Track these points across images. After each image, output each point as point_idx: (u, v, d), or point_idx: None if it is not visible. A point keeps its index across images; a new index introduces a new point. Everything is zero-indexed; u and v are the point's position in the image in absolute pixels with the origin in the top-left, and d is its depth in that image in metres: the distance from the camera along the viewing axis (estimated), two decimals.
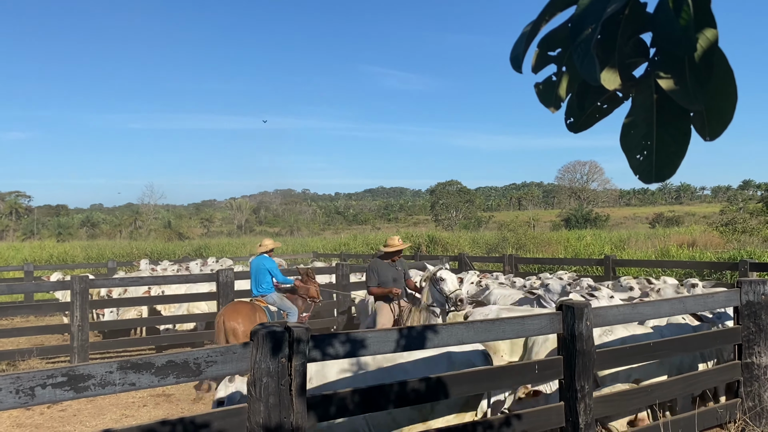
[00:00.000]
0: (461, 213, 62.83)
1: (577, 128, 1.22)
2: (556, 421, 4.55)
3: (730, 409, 5.42)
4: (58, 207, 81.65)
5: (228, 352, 3.34)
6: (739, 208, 51.15)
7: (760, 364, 5.49)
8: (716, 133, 1.04)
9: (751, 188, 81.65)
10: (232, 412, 3.40)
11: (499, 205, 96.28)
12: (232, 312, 8.10)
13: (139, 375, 3.09)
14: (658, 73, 1.03)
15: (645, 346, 5.24)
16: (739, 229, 24.91)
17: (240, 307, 8.26)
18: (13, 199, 70.13)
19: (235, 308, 8.24)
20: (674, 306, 5.40)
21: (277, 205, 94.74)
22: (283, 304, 8.77)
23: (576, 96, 1.18)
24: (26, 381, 2.81)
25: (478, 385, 4.48)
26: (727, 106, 1.02)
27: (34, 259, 25.73)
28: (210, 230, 67.84)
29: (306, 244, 31.01)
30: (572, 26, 1.09)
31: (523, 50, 1.17)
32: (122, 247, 31.32)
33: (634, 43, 1.08)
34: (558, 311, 4.61)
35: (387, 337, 3.90)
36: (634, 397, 5.00)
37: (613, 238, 24.40)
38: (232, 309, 8.21)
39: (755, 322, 5.50)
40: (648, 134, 1.09)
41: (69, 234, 55.60)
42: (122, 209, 78.58)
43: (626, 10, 1.02)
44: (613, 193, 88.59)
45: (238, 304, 8.51)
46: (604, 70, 1.03)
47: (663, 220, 48.34)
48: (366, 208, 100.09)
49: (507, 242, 24.68)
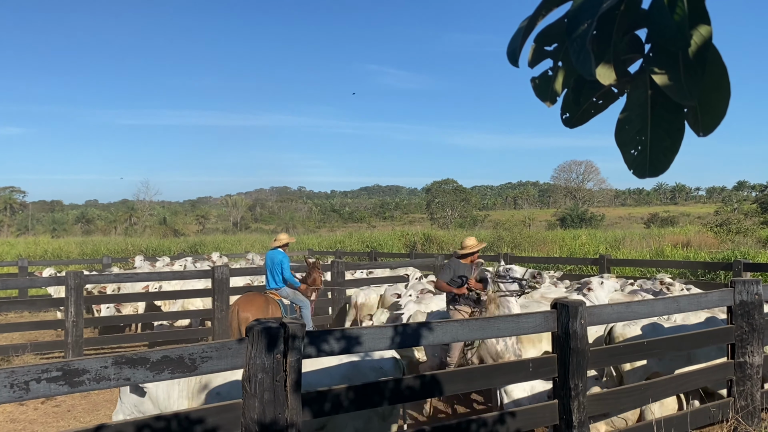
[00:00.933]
0: (457, 212, 62.88)
1: (573, 123, 1.23)
2: (550, 419, 4.56)
3: (723, 408, 5.45)
4: (53, 203, 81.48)
5: (223, 348, 3.34)
6: (734, 208, 51.41)
7: (753, 363, 5.51)
8: (709, 129, 1.05)
9: (746, 189, 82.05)
10: (227, 407, 3.40)
11: (495, 204, 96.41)
12: (246, 303, 8.30)
13: (134, 370, 3.09)
14: (653, 69, 1.04)
15: (638, 345, 5.26)
16: (734, 229, 25.02)
17: (254, 299, 8.46)
18: (8, 195, 69.79)
19: (250, 299, 8.43)
20: (668, 305, 5.42)
21: (273, 202, 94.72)
22: (296, 297, 8.88)
23: (572, 91, 1.19)
24: (21, 375, 2.81)
25: (471, 383, 4.50)
26: (720, 101, 1.03)
27: (29, 255, 25.66)
28: (205, 227, 67.67)
29: (301, 242, 30.98)
30: (568, 21, 1.10)
31: (520, 45, 1.18)
32: (117, 243, 31.24)
33: (629, 39, 1.10)
34: (552, 309, 4.62)
35: (382, 334, 3.91)
36: (628, 396, 5.02)
37: (608, 238, 24.49)
38: (246, 300, 8.41)
39: (748, 322, 5.53)
40: (642, 129, 1.10)
41: (64, 230, 55.41)
42: (117, 205, 78.28)
43: (622, 5, 1.03)
44: (608, 192, 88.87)
45: (253, 295, 8.70)
46: (599, 65, 1.04)
47: (658, 220, 48.46)
48: (362, 206, 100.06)
49: (502, 241, 24.74)
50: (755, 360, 5.52)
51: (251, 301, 8.39)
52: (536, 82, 1.26)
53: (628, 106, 1.14)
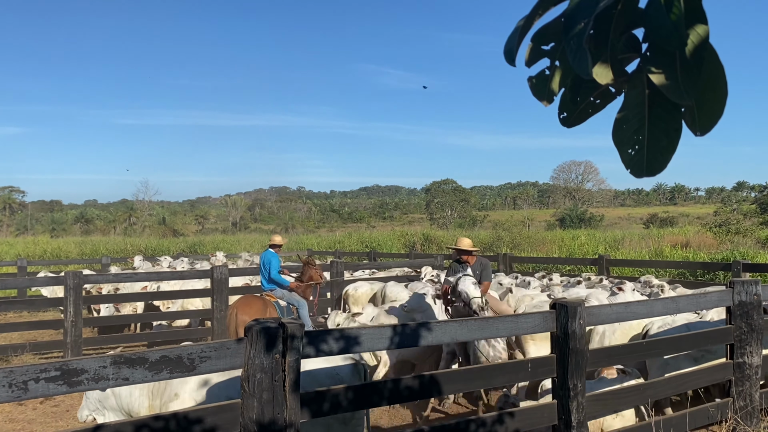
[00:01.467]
0: (456, 212, 62.90)
1: (570, 123, 1.23)
2: (549, 419, 4.56)
3: (722, 408, 5.45)
4: (52, 203, 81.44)
5: (222, 348, 3.34)
6: (733, 209, 51.44)
7: (752, 363, 5.51)
8: (706, 129, 1.05)
9: (745, 190, 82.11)
10: (226, 407, 3.40)
11: (494, 205, 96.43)
12: (244, 305, 8.36)
13: (132, 370, 3.09)
14: (650, 68, 1.04)
15: (638, 345, 5.26)
16: (733, 230, 25.01)
17: (253, 302, 8.52)
18: (7, 195, 69.73)
19: (248, 302, 8.50)
20: (667, 305, 5.42)
21: (272, 202, 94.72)
22: (291, 297, 8.92)
23: (569, 90, 1.19)
24: (19, 375, 2.80)
25: (470, 383, 4.50)
26: (717, 101, 1.04)
27: (28, 255, 25.63)
28: (205, 227, 67.68)
29: (301, 242, 30.99)
30: (565, 20, 1.10)
31: (517, 44, 1.19)
32: (116, 243, 31.23)
33: (626, 39, 1.10)
34: (552, 309, 4.62)
35: (380, 334, 3.91)
36: (627, 396, 5.02)
37: (607, 238, 24.48)
38: (244, 302, 8.48)
39: (747, 322, 5.53)
40: (639, 129, 1.10)
41: (63, 230, 55.40)
42: (116, 205, 78.27)
43: (619, 5, 1.03)
44: (607, 193, 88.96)
45: (250, 298, 8.76)
46: (596, 64, 1.04)
47: (657, 220, 48.47)
48: (361, 206, 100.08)
49: (502, 241, 24.72)
50: (754, 360, 5.53)
51: (249, 303, 8.44)
52: (533, 81, 1.26)
53: (625, 105, 1.14)
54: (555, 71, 1.19)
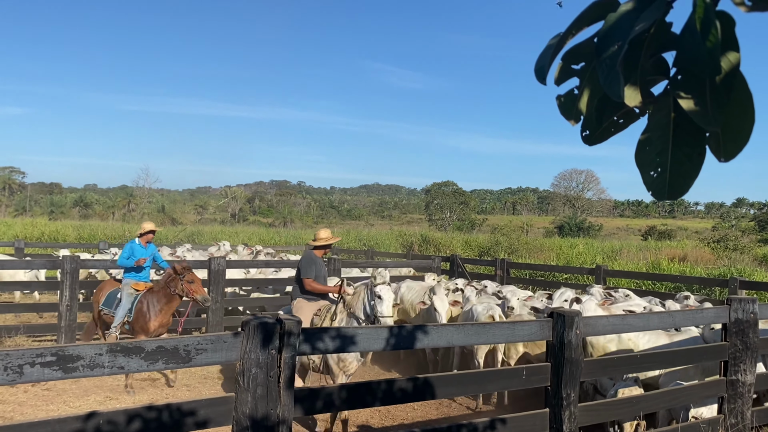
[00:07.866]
0: (455, 214, 62.88)
1: (593, 141, 1.23)
2: (540, 428, 4.56)
3: (713, 424, 5.45)
4: (52, 185, 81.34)
5: (219, 341, 3.34)
6: (732, 225, 51.46)
7: (745, 381, 5.52)
8: (731, 155, 1.05)
9: (745, 206, 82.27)
10: (219, 400, 3.40)
11: (494, 209, 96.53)
12: (99, 289, 8.71)
13: (128, 359, 3.09)
14: (679, 93, 1.04)
15: (632, 358, 5.26)
16: (731, 246, 25.02)
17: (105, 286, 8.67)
18: (7, 175, 69.72)
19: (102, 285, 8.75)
20: (663, 319, 5.43)
21: (272, 195, 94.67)
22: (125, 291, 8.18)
23: (594, 110, 1.19)
24: (15, 359, 2.80)
25: (464, 388, 4.51)
26: (743, 128, 1.03)
27: (26, 236, 25.57)
28: (204, 217, 67.60)
29: (299, 237, 30.98)
30: (598, 42, 1.09)
31: (549, 62, 1.18)
32: (114, 228, 31.19)
33: (654, 61, 1.09)
34: (548, 318, 4.62)
35: (377, 335, 3.91)
36: (619, 408, 5.03)
37: (605, 248, 24.50)
38: (101, 286, 8.76)
39: (742, 340, 5.53)
40: (663, 152, 1.09)
41: (61, 213, 55.38)
42: (116, 191, 78.25)
43: (652, 28, 1.02)
44: (607, 203, 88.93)
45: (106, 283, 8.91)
46: (625, 86, 1.03)
47: (655, 232, 48.48)
48: (360, 203, 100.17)
49: (500, 246, 24.71)
50: (747, 378, 5.53)
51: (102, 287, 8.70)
52: (561, 100, 1.26)
53: (649, 127, 1.14)
54: (583, 91, 1.19)
